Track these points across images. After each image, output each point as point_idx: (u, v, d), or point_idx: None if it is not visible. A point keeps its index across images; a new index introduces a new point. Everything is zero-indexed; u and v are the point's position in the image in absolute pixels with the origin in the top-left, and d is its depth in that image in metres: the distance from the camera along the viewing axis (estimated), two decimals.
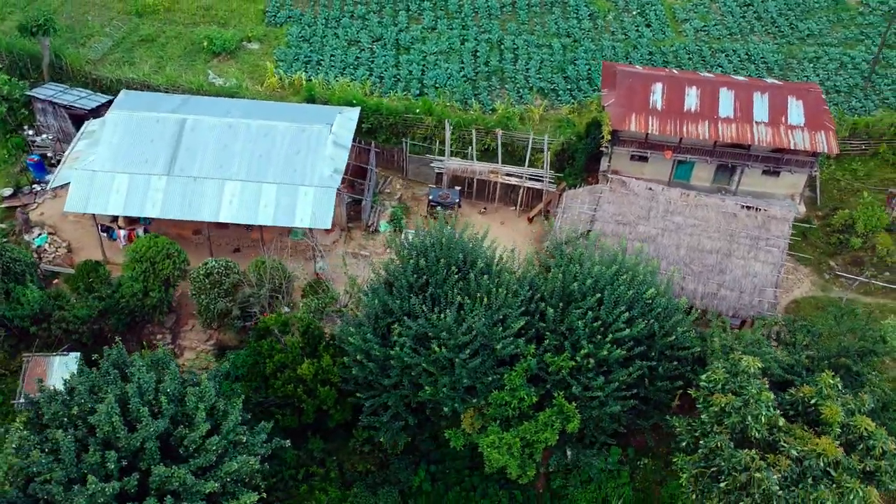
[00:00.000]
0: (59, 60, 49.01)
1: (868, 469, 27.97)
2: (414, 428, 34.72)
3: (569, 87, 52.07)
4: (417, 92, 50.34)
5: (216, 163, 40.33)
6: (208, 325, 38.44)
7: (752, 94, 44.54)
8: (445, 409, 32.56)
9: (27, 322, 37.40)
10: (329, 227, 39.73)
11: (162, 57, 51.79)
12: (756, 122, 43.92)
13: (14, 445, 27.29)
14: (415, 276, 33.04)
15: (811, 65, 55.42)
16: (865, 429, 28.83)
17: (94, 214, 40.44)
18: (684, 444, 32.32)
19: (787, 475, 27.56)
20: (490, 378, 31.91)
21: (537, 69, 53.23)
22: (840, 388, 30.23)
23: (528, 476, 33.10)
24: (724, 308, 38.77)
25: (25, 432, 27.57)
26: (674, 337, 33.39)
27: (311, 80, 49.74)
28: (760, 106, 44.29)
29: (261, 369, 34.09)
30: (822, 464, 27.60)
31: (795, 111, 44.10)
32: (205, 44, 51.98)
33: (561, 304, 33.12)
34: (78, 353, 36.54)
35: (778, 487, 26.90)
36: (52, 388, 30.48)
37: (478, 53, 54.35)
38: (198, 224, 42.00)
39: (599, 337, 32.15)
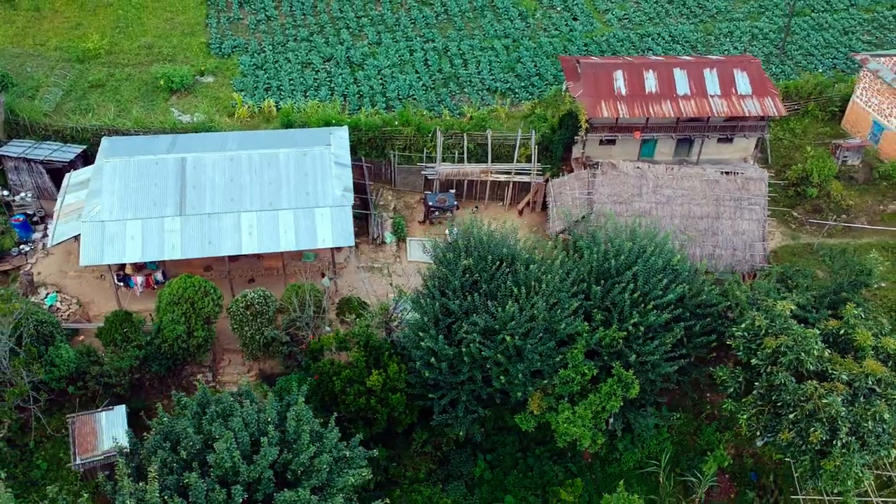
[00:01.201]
0: (14, 116, 47.35)
1: None
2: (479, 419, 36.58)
3: (522, 84, 54.89)
4: (384, 105, 51.79)
5: (227, 196, 40.53)
6: (253, 357, 38.70)
7: (702, 71, 48.72)
8: (518, 394, 34.58)
9: (63, 383, 36.65)
10: (353, 243, 40.77)
11: (119, 100, 50.84)
12: (711, 96, 48.15)
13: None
14: (466, 275, 34.87)
15: (727, 39, 60.71)
16: (892, 347, 33.05)
17: (109, 265, 39.72)
18: (731, 390, 35.75)
19: (844, 397, 31.27)
20: (556, 358, 34.15)
21: (488, 71, 55.78)
22: (863, 315, 34.38)
23: (598, 444, 35.63)
24: (721, 266, 42.59)
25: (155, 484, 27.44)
26: (702, 296, 36.76)
27: (279, 107, 50.20)
28: (711, 81, 48.55)
29: (329, 387, 34.92)
30: (869, 382, 31.46)
31: (742, 82, 48.62)
32: (161, 82, 51.39)
33: (602, 281, 35.79)
34: (123, 406, 36.23)
35: (843, 409, 30.52)
36: (150, 437, 30.40)
37: (429, 62, 56.30)
38: (208, 260, 42.02)
39: (642, 306, 35.04)
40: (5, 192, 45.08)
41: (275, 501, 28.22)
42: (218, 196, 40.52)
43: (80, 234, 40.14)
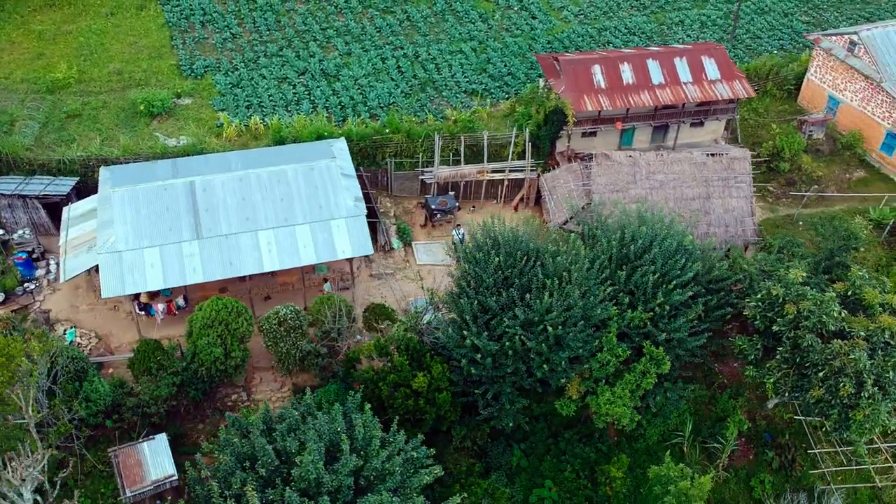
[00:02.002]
0: None
1: None
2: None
3: (496, 84, 56.41)
4: (368, 115, 52.51)
5: (241, 216, 40.68)
6: (288, 371, 39.02)
7: (673, 61, 51.21)
8: (561, 381, 36.10)
9: (100, 417, 36.34)
10: (372, 251, 41.49)
11: (100, 129, 50.06)
12: (684, 83, 50.66)
13: None
14: (497, 272, 36.15)
15: (679, 28, 63.66)
16: (893, 304, 35.88)
17: (131, 295, 39.37)
18: (751, 357, 38.07)
19: (865, 352, 33.86)
20: (594, 343, 35.78)
21: (461, 73, 57.09)
22: (866, 276, 37.18)
23: (634, 423, 37.42)
24: (716, 243, 44.98)
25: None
26: (715, 272, 39.00)
27: (266, 124, 50.34)
28: (683, 69, 51.07)
29: (376, 392, 35.64)
30: (885, 336, 34.14)
31: (711, 68, 51.32)
32: (142, 107, 50.81)
33: (624, 266, 37.61)
34: (163, 434, 36.19)
35: (868, 362, 33.09)
36: (222, 459, 30.64)
37: (402, 69, 57.23)
38: (223, 282, 42.02)
39: (664, 286, 37.02)
40: (1, 232, 44.00)
41: None
42: (232, 216, 40.62)
43: (91, 267, 39.81)
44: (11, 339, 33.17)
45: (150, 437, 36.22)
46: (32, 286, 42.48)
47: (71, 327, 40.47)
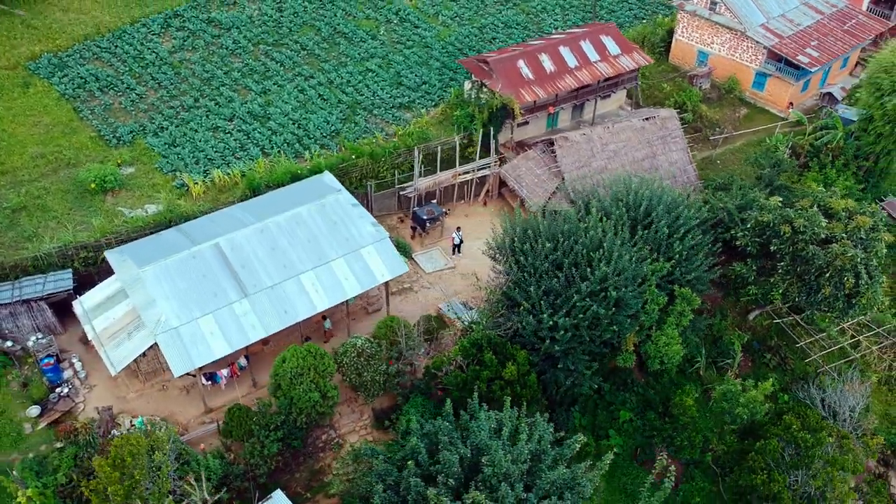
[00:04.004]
0: None
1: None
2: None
3: (418, 94, 59.51)
4: (318, 146, 53.79)
5: (278, 265, 41.28)
6: (373, 398, 40.45)
7: (579, 44, 57.11)
8: (625, 337, 40.74)
9: (212, 492, 36.20)
10: (406, 268, 43.64)
11: (56, 216, 47.56)
12: (594, 62, 56.75)
13: None
14: (548, 257, 40.11)
15: (546, 15, 69.85)
16: (853, 206, 44.00)
17: (198, 369, 38.88)
18: (751, 278, 44.85)
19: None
20: (644, 297, 40.74)
21: (381, 90, 59.58)
22: (824, 190, 45.02)
23: (681, 357, 42.89)
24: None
25: None
26: (704, 214, 45.27)
27: (228, 174, 50.30)
28: (589, 50, 57.12)
29: (477, 390, 38.30)
30: (862, 234, 41.94)
31: (611, 45, 57.80)
32: (93, 185, 48.76)
33: (637, 226, 42.85)
34: (278, 490, 36.77)
35: (862, 255, 40.68)
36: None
37: (324, 97, 58.71)
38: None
39: (675, 235, 42.72)
40: (9, 343, 41.21)
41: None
42: (269, 268, 41.11)
43: (138, 355, 38.95)
44: (136, 436, 32.59)
45: (268, 497, 36.57)
46: (66, 389, 40.41)
47: (138, 417, 39.23)
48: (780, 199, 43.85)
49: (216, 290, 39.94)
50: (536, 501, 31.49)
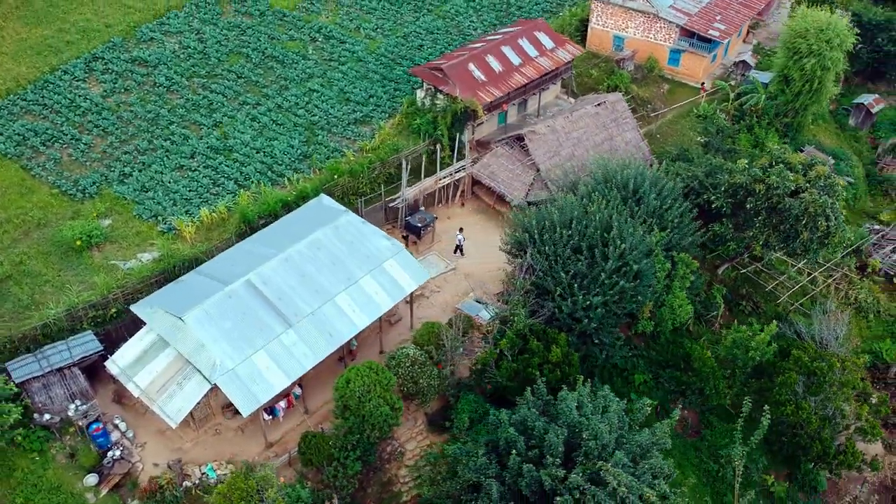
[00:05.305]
0: None
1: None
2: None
3: (368, 108, 60.77)
4: (293, 172, 54.18)
5: (311, 291, 41.93)
6: (427, 403, 41.94)
7: (518, 42, 60.26)
8: (645, 305, 44.27)
9: None
10: (428, 275, 45.25)
11: (49, 281, 45.78)
12: (535, 58, 60.09)
13: None
14: (569, 243, 43.09)
15: (460, 17, 72.53)
16: (805, 160, 49.58)
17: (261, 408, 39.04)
18: (729, 235, 49.58)
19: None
20: (656, 266, 44.46)
21: (331, 108, 60.39)
22: (780, 147, 50.38)
23: (689, 313, 46.99)
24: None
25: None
26: (681, 183, 49.54)
27: (214, 212, 49.98)
28: (528, 47, 60.39)
29: (529, 377, 40.66)
30: (822, 182, 47.41)
31: (545, 40, 61.34)
32: (78, 243, 47.19)
33: (628, 202, 46.54)
34: None
35: (830, 201, 46.07)
36: None
37: (278, 122, 58.92)
38: None
39: (664, 206, 46.73)
40: (44, 418, 39.65)
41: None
42: (304, 295, 41.69)
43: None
44: (240, 478, 32.89)
45: None
46: (117, 452, 39.45)
47: (206, 464, 38.94)
48: (746, 161, 48.76)
49: (261, 326, 40.17)
50: (631, 463, 34.30)
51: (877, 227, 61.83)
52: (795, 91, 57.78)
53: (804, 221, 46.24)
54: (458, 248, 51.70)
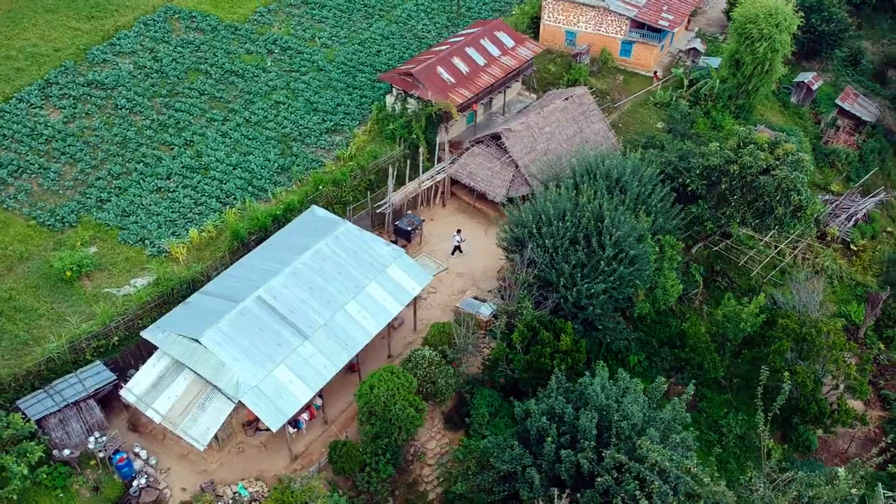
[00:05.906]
0: None
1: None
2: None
3: (338, 116, 61.09)
4: (271, 185, 54.17)
5: (322, 302, 42.28)
6: (444, 403, 42.80)
7: (481, 42, 61.50)
8: (643, 288, 46.10)
9: None
10: (431, 277, 46.06)
11: (44, 313, 44.80)
12: (498, 57, 61.46)
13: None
14: (566, 234, 44.58)
15: (411, 20, 73.39)
16: (768, 138, 52.30)
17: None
18: (707, 215, 51.91)
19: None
20: (650, 250, 46.35)
21: (301, 119, 60.49)
22: (745, 128, 52.96)
23: (680, 291, 49.05)
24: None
25: None
26: (656, 169, 51.60)
27: (201, 231, 49.68)
28: (491, 47, 61.72)
29: (542, 367, 41.96)
30: (789, 159, 50.16)
31: (506, 39, 62.78)
32: (68, 273, 46.27)
33: (613, 191, 48.36)
34: None
35: (801, 176, 48.76)
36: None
37: (250, 136, 58.70)
38: None
39: (646, 192, 48.70)
40: (65, 453, 38.94)
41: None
42: (315, 306, 42.02)
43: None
44: (286, 492, 33.22)
45: None
46: (143, 480, 39.07)
47: (237, 483, 38.92)
48: (717, 144, 51.14)
49: (278, 340, 40.34)
50: (660, 440, 35.93)
51: (828, 197, 65.44)
52: (748, 74, 60.74)
53: (778, 197, 48.83)
54: (457, 248, 52.63)
